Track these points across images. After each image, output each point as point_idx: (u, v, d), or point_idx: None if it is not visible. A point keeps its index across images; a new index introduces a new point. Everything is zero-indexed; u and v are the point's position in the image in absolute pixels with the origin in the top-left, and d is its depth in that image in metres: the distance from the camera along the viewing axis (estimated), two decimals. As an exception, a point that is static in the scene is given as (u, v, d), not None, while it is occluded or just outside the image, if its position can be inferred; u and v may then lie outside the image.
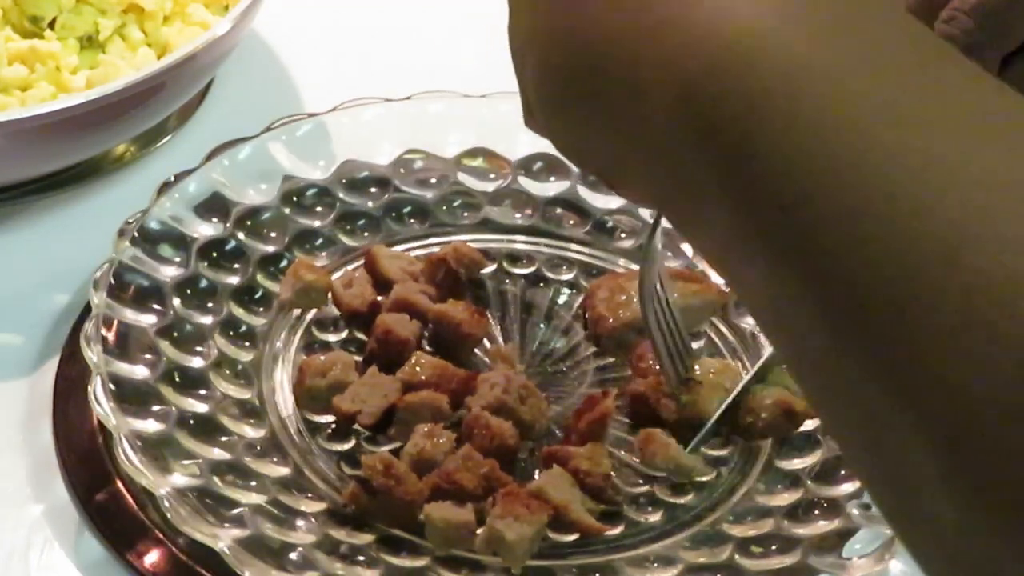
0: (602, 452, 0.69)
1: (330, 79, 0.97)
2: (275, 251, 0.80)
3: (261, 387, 0.73)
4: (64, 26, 0.87)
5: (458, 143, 0.86)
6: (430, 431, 0.69)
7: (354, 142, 0.85)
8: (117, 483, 0.69)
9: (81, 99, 0.77)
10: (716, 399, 0.72)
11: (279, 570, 0.62)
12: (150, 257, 0.75)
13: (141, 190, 0.80)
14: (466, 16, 1.05)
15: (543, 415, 0.71)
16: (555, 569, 0.66)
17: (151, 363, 0.71)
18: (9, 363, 0.77)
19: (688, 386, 0.71)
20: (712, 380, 0.72)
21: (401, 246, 0.82)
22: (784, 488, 0.70)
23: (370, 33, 1.03)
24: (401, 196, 0.84)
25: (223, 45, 0.83)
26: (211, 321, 0.75)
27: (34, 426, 0.73)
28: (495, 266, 0.82)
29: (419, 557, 0.65)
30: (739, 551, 0.67)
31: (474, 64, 0.99)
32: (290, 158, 0.83)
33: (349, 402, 0.71)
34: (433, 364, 0.72)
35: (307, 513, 0.66)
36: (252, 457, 0.69)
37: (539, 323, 0.79)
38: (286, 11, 1.00)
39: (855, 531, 0.67)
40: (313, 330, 0.77)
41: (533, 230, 0.84)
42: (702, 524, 0.69)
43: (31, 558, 0.68)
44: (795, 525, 0.68)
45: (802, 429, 0.72)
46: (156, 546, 0.67)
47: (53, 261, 0.82)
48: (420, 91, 0.87)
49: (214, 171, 0.80)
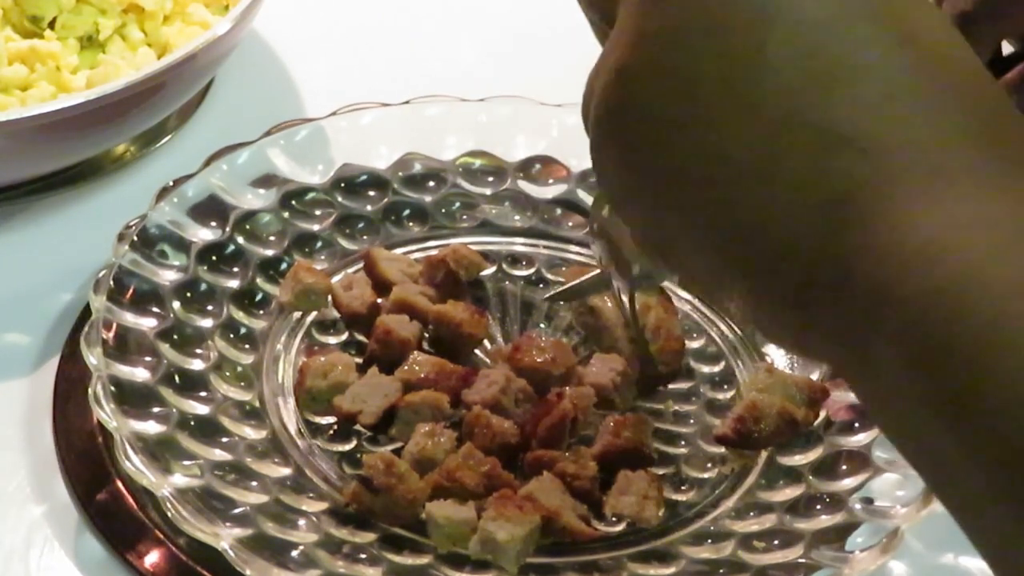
0: (587, 455, 0.69)
1: (330, 79, 0.97)
2: (275, 254, 0.80)
3: (262, 389, 0.73)
4: (64, 26, 0.87)
5: (456, 146, 0.86)
6: (431, 430, 0.69)
7: (352, 146, 0.85)
8: (117, 483, 0.69)
9: (81, 99, 0.77)
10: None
11: (281, 568, 0.62)
12: (149, 261, 0.75)
13: (141, 190, 0.80)
14: (466, 19, 1.05)
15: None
16: (556, 566, 0.66)
17: (151, 365, 0.71)
18: (9, 363, 0.76)
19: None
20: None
21: (400, 249, 0.82)
22: (786, 483, 0.70)
23: (370, 32, 1.03)
24: (400, 199, 0.84)
25: (223, 45, 0.84)
26: (211, 324, 0.75)
27: (34, 426, 0.73)
28: (495, 268, 0.82)
29: (421, 555, 0.65)
30: (741, 546, 0.67)
31: (472, 68, 0.99)
32: (288, 162, 0.83)
33: (350, 402, 0.71)
34: (432, 361, 0.72)
35: (309, 512, 0.66)
36: (253, 458, 0.69)
37: (539, 324, 0.79)
38: (286, 11, 1.00)
39: (857, 525, 0.67)
40: (313, 332, 0.77)
41: (532, 232, 0.84)
42: (704, 520, 0.69)
43: (31, 558, 0.68)
44: (797, 520, 0.68)
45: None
46: (156, 546, 0.67)
47: (53, 261, 0.82)
48: (418, 94, 0.86)
49: (213, 176, 0.80)
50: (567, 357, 0.73)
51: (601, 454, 0.70)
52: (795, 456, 0.72)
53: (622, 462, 0.70)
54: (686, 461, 0.72)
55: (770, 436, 0.71)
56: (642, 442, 0.70)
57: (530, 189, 0.86)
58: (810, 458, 0.71)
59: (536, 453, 0.69)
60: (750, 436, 0.71)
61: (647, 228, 0.49)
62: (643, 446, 0.70)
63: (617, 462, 0.70)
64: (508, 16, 1.05)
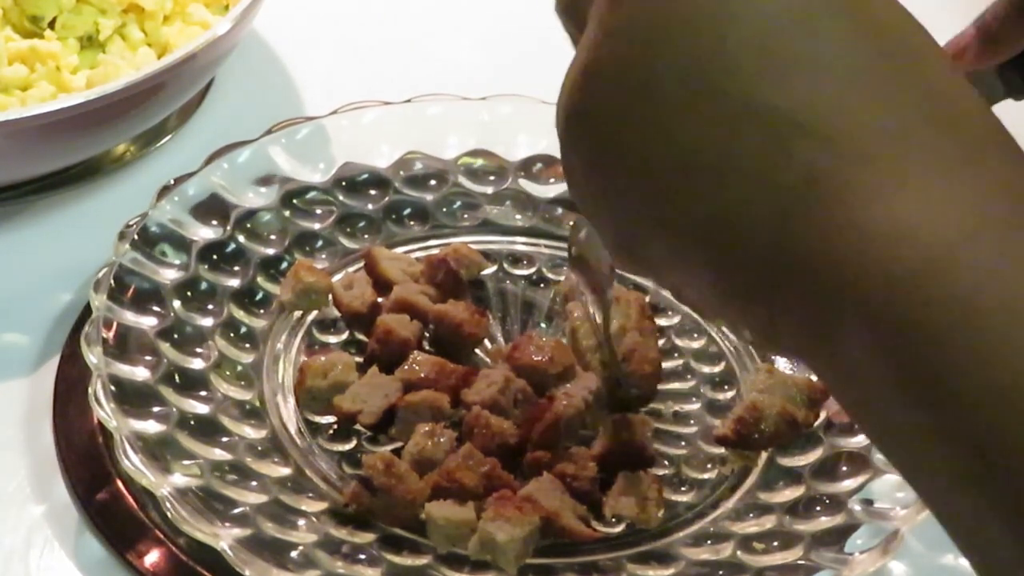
0: (587, 455, 0.69)
1: (330, 79, 0.97)
2: (275, 253, 0.80)
3: (262, 388, 0.73)
4: (64, 26, 0.87)
5: (458, 145, 0.86)
6: (431, 430, 0.69)
7: (354, 145, 0.85)
8: (117, 483, 0.69)
9: (81, 99, 0.77)
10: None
11: (280, 568, 0.62)
12: (150, 260, 0.75)
13: (141, 190, 0.80)
14: (467, 18, 1.05)
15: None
16: (555, 567, 0.66)
17: (151, 364, 0.71)
18: (9, 363, 0.76)
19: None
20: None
21: (401, 248, 0.82)
22: (785, 485, 0.70)
23: (370, 32, 1.03)
24: (401, 198, 0.84)
25: (223, 45, 0.83)
26: (211, 323, 0.75)
27: (34, 426, 0.73)
28: (495, 267, 0.82)
29: (420, 556, 0.65)
30: (741, 547, 0.67)
31: (473, 67, 0.99)
32: (290, 161, 0.83)
33: (350, 402, 0.71)
34: (432, 361, 0.72)
35: (308, 512, 0.66)
36: (253, 457, 0.69)
37: (540, 323, 0.79)
38: (286, 11, 1.00)
39: (857, 527, 0.67)
40: (314, 332, 0.77)
41: (533, 231, 0.84)
42: (704, 521, 0.69)
43: (31, 558, 0.68)
44: (796, 521, 0.68)
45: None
46: (156, 546, 0.67)
47: (53, 261, 0.82)
48: (419, 93, 0.86)
49: (214, 174, 0.80)
50: (566, 356, 0.73)
51: (601, 455, 0.70)
52: (795, 457, 0.72)
53: (622, 463, 0.70)
54: (686, 462, 0.72)
55: (770, 437, 0.71)
56: (642, 443, 0.70)
57: (531, 188, 0.86)
58: (810, 459, 0.71)
59: (535, 454, 0.69)
60: (750, 437, 0.71)
61: (616, 231, 0.49)
62: (643, 447, 0.70)
63: (617, 463, 0.70)
64: (509, 15, 1.05)
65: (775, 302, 0.44)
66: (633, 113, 0.46)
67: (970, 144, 0.43)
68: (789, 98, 0.43)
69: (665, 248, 0.47)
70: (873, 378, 0.41)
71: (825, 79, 0.43)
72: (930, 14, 0.50)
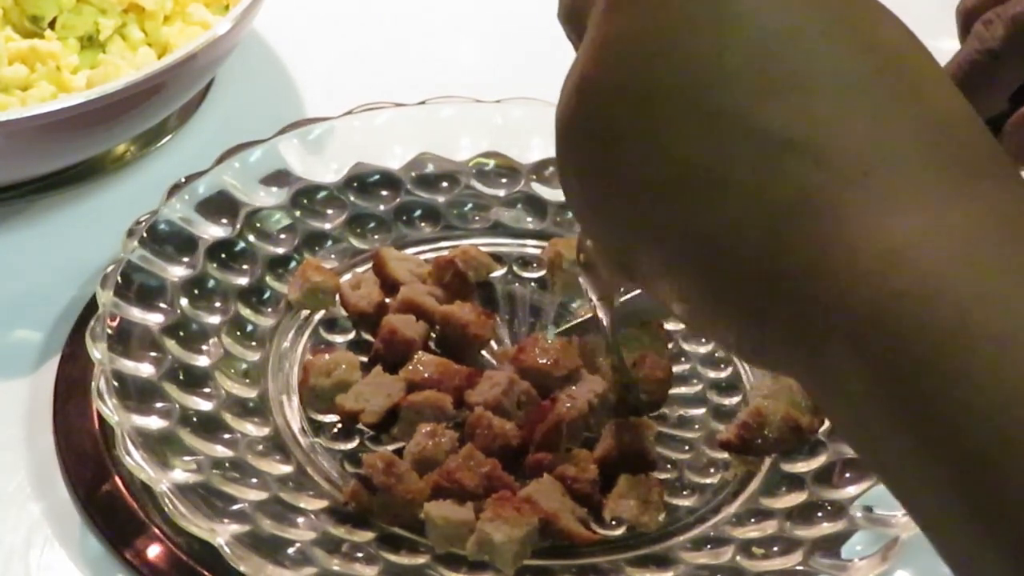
0: (588, 457, 0.69)
1: (330, 79, 0.97)
2: (284, 253, 0.80)
3: (266, 386, 0.73)
4: (64, 26, 0.87)
5: (470, 147, 0.86)
6: (433, 430, 0.69)
7: (366, 146, 0.85)
8: (117, 482, 0.69)
9: (81, 99, 0.77)
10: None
11: (276, 566, 0.62)
12: (158, 257, 0.75)
13: (142, 190, 0.80)
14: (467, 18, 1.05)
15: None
16: (554, 569, 0.65)
17: (156, 361, 0.71)
18: (10, 362, 0.76)
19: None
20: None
21: (412, 249, 0.82)
22: (788, 490, 0.70)
23: (370, 33, 1.03)
24: (412, 199, 0.84)
25: (223, 45, 0.83)
26: (218, 321, 0.75)
27: (35, 425, 0.73)
28: (505, 270, 0.82)
29: (418, 555, 0.65)
30: (740, 552, 0.66)
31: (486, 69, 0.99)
32: (301, 161, 0.83)
33: (353, 401, 0.71)
34: (436, 362, 0.72)
35: (307, 510, 0.66)
36: (254, 455, 0.68)
37: (548, 326, 0.79)
38: (286, 11, 0.99)
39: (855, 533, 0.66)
40: (321, 331, 0.77)
41: (544, 235, 0.84)
42: (704, 526, 0.68)
43: (31, 557, 0.68)
44: (797, 527, 0.68)
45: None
46: (156, 545, 0.67)
47: (54, 261, 0.82)
48: (419, 92, 0.86)
49: (224, 173, 0.80)
50: (571, 359, 0.73)
51: (602, 457, 0.69)
52: (798, 463, 0.71)
53: (623, 466, 0.69)
54: (688, 466, 0.72)
55: (774, 443, 0.71)
56: (644, 446, 0.70)
57: (543, 192, 0.85)
58: (813, 465, 0.71)
59: (536, 456, 0.69)
60: (754, 442, 0.70)
61: (611, 242, 0.49)
62: (645, 450, 0.70)
63: (618, 466, 0.69)
64: (509, 15, 1.05)
65: (765, 318, 0.44)
66: (627, 126, 0.45)
67: (965, 166, 0.42)
68: (783, 115, 0.43)
69: (656, 260, 0.47)
70: (859, 397, 0.41)
71: (819, 97, 0.43)
72: (930, 14, 0.49)
